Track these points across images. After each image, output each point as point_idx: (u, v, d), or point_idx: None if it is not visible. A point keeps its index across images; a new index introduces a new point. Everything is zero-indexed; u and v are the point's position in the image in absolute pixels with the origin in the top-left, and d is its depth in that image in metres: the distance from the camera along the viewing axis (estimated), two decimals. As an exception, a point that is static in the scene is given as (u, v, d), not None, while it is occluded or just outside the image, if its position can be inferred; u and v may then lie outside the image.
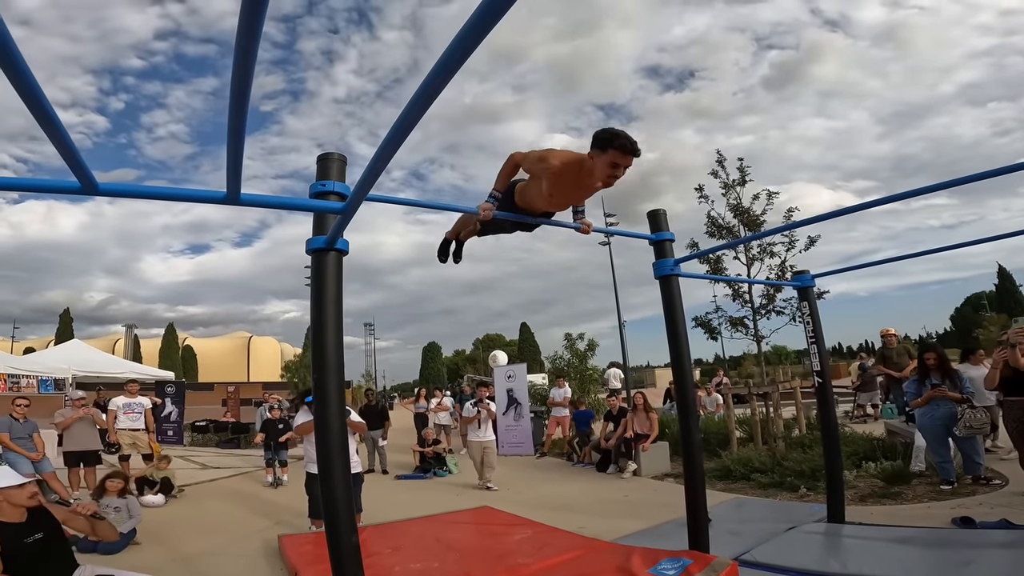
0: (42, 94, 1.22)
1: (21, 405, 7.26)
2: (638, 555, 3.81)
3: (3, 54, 1.04)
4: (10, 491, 3.10)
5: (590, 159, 2.65)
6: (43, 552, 3.16)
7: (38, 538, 3.14)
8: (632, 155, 2.60)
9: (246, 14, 1.03)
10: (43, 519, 3.25)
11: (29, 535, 3.11)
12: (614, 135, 2.57)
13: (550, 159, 2.71)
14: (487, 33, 1.07)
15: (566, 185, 2.79)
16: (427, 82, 1.27)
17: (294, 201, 2.28)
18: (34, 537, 3.12)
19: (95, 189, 1.67)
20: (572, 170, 2.71)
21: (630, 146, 2.58)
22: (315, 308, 2.44)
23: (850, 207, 3.70)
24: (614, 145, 2.55)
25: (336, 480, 2.37)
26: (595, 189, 2.84)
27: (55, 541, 3.27)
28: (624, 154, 2.58)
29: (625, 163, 2.61)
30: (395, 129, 1.45)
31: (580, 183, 2.77)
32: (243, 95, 1.30)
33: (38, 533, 3.15)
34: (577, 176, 2.72)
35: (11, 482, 3.14)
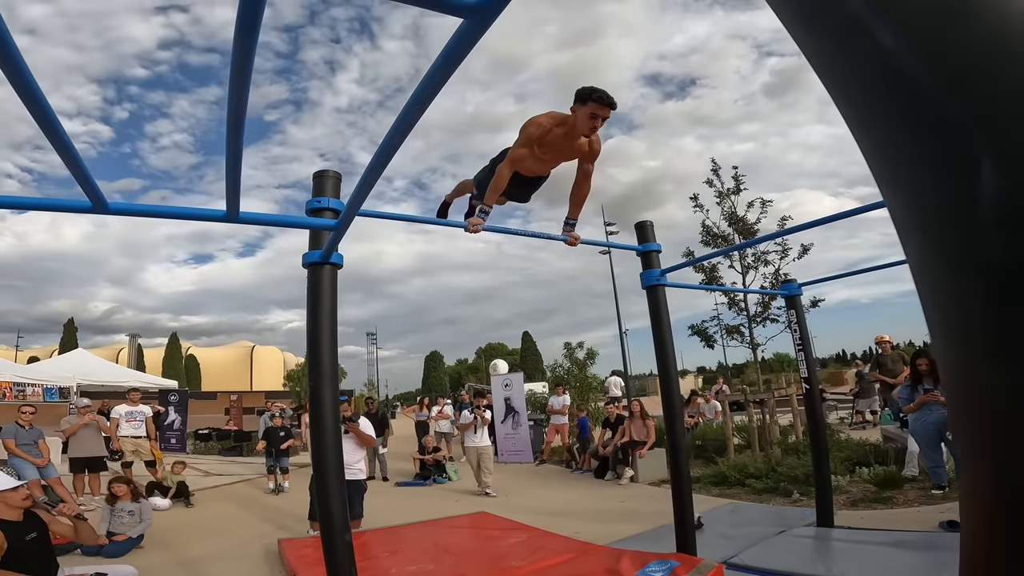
0: (58, 122, 1.36)
1: (27, 412, 7.42)
2: (628, 558, 3.91)
3: (23, 86, 1.18)
4: (6, 494, 3.37)
5: (573, 113, 2.94)
6: (38, 550, 3.41)
7: (34, 537, 3.40)
8: (609, 107, 2.89)
9: (238, 56, 1.17)
10: (35, 521, 3.51)
11: (27, 533, 3.36)
12: (592, 89, 2.87)
13: (538, 121, 3.00)
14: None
15: (557, 140, 3.04)
16: (405, 111, 1.41)
17: (289, 219, 2.42)
18: (31, 536, 3.38)
19: (105, 208, 1.80)
20: (559, 124, 2.99)
21: (607, 98, 2.87)
22: (311, 319, 2.57)
23: (834, 215, 3.80)
24: (592, 98, 2.85)
25: (330, 480, 2.49)
26: (579, 144, 3.08)
27: (45, 542, 3.52)
28: (602, 105, 2.87)
29: (603, 114, 2.89)
30: (378, 154, 1.58)
31: (568, 135, 3.02)
32: (239, 123, 1.44)
33: (33, 532, 3.42)
34: (564, 130, 3.00)
35: (7, 485, 3.41)
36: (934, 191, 0.40)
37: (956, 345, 0.41)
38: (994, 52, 0.37)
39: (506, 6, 1.12)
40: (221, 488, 9.41)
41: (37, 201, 1.86)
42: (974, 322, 0.39)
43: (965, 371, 0.40)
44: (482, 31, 1.17)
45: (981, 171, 0.36)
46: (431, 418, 12.44)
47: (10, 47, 1.07)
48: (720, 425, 10.34)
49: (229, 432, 15.86)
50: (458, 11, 1.12)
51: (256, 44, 1.15)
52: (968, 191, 0.37)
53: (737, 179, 9.60)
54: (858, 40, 0.42)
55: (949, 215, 0.39)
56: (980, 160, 0.36)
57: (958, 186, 0.37)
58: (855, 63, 0.44)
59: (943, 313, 0.41)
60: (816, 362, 7.24)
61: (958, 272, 0.39)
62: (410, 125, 1.42)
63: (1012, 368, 0.37)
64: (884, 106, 0.42)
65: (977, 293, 0.37)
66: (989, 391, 0.38)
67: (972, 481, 0.44)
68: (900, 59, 0.39)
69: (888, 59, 0.40)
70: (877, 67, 0.41)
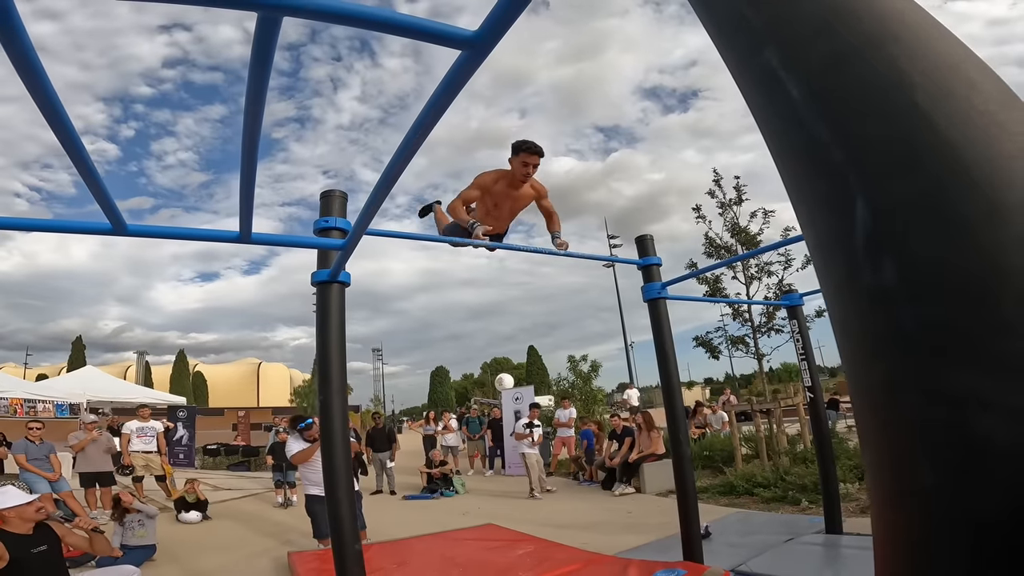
0: (83, 147, 1.45)
1: (34, 428, 7.52)
2: (635, 567, 3.94)
3: (52, 114, 1.27)
4: (21, 508, 3.47)
5: (510, 164, 3.31)
6: (46, 563, 3.49)
7: (43, 550, 3.48)
8: (537, 154, 3.26)
9: (253, 82, 1.25)
10: (47, 533, 3.59)
11: (35, 546, 3.45)
12: (522, 142, 3.26)
13: (486, 174, 3.38)
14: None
15: (502, 190, 3.39)
16: (408, 136, 1.49)
17: (299, 239, 2.51)
18: (39, 548, 3.47)
19: (124, 230, 1.89)
20: (502, 177, 3.35)
21: (534, 148, 3.25)
22: (320, 336, 2.65)
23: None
24: (522, 149, 3.23)
25: (341, 491, 2.55)
26: (525, 191, 3.42)
27: (55, 555, 3.60)
28: (530, 154, 3.24)
29: (532, 161, 3.26)
30: (384, 176, 1.67)
31: (511, 184, 3.37)
32: (252, 149, 1.52)
33: (43, 545, 3.50)
34: (506, 180, 3.35)
35: (21, 500, 3.52)
36: (826, 225, 0.47)
37: (847, 350, 0.48)
38: (866, 97, 0.45)
39: (502, 38, 1.20)
40: (230, 503, 9.46)
41: (60, 224, 1.96)
42: (861, 332, 0.47)
43: (853, 370, 0.47)
44: (480, 61, 1.25)
45: (856, 208, 0.43)
46: (438, 432, 12.48)
47: (40, 76, 1.15)
48: (727, 435, 10.32)
49: (237, 447, 15.94)
50: (457, 44, 1.20)
51: (270, 73, 1.23)
52: (848, 225, 0.44)
53: (739, 189, 9.69)
54: (773, 90, 0.50)
55: (836, 246, 0.46)
56: (855, 199, 0.43)
57: (841, 221, 0.44)
58: (772, 112, 0.51)
59: (840, 326, 0.48)
60: (824, 371, 7.17)
61: (846, 294, 0.46)
62: (414, 149, 1.51)
63: (883, 366, 0.44)
64: (792, 151, 0.50)
65: (860, 311, 0.45)
66: (867, 386, 0.45)
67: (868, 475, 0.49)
68: (802, 109, 0.47)
69: (794, 109, 0.48)
70: (787, 116, 0.49)
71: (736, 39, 0.55)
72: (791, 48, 0.48)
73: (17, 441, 7.57)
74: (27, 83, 1.03)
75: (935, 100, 0.44)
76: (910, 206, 0.43)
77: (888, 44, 0.46)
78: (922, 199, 0.43)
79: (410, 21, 1.13)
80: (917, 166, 0.43)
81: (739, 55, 0.55)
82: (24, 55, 0.95)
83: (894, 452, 0.44)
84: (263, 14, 1.03)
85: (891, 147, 0.44)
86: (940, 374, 0.41)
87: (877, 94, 0.45)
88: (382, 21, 1.10)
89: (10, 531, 3.35)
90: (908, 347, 0.42)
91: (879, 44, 0.46)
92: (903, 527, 0.43)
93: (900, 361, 0.43)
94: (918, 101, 0.44)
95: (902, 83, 0.45)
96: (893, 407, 0.44)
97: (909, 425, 0.42)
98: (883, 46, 0.46)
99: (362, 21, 1.08)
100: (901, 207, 0.43)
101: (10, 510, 3.38)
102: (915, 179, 0.43)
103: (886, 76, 0.46)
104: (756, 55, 0.51)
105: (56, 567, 3.56)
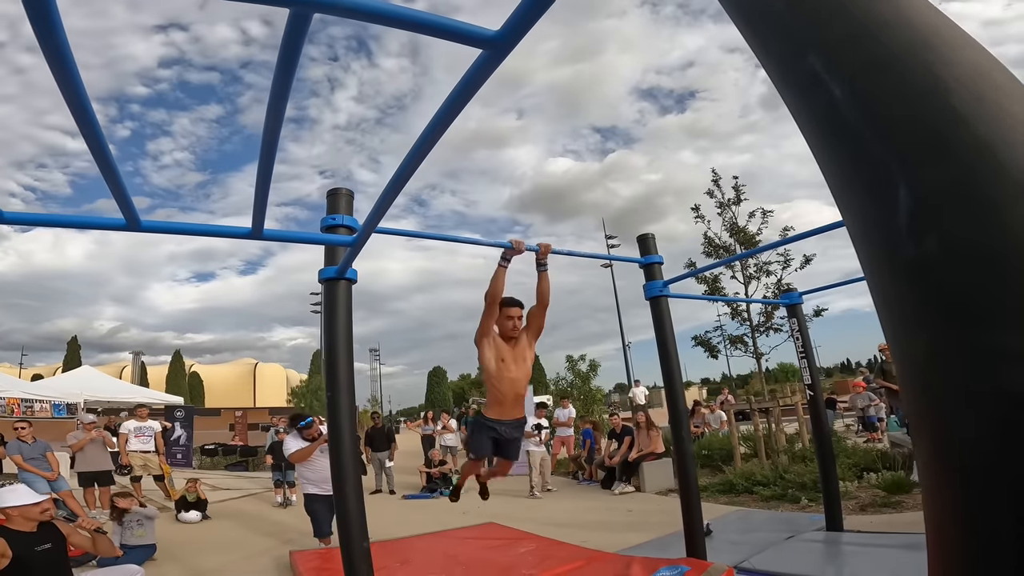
0: (107, 146, 1.46)
1: (20, 428, 7.39)
2: (638, 564, 3.96)
3: (81, 115, 1.28)
4: (26, 508, 3.49)
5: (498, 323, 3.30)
6: (50, 561, 3.50)
7: (47, 548, 3.50)
8: (514, 306, 3.32)
9: (279, 80, 1.27)
10: (51, 532, 3.60)
11: (39, 544, 3.47)
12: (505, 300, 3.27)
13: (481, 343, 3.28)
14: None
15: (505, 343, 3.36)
16: (424, 135, 1.51)
17: (308, 236, 2.52)
18: (43, 547, 3.48)
19: (138, 226, 1.90)
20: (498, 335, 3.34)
21: (510, 300, 3.30)
22: (327, 332, 2.66)
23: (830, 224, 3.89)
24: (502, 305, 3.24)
25: (348, 488, 2.56)
26: (518, 337, 3.40)
27: (59, 553, 3.62)
28: (510, 307, 3.29)
29: (515, 313, 3.32)
30: (396, 176, 1.68)
31: (508, 338, 3.36)
32: (271, 151, 1.54)
33: (47, 544, 3.51)
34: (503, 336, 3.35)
35: (27, 500, 3.53)
36: (871, 208, 0.51)
37: (891, 322, 0.51)
38: (907, 100, 0.49)
39: (523, 38, 1.22)
40: (229, 502, 9.45)
41: (73, 219, 1.96)
42: (904, 304, 0.51)
43: (896, 342, 0.51)
44: (500, 61, 1.26)
45: (899, 194, 0.47)
46: (436, 432, 12.48)
47: (73, 74, 1.16)
48: (726, 435, 10.36)
49: (235, 447, 15.91)
50: (478, 43, 1.22)
51: (295, 71, 1.25)
52: (892, 208, 0.48)
53: (737, 189, 9.72)
54: (815, 93, 0.53)
55: (881, 226, 0.50)
56: (898, 186, 0.47)
57: (885, 204, 0.49)
58: (814, 111, 0.54)
59: (883, 299, 0.52)
60: (820, 371, 7.24)
61: (890, 268, 0.50)
62: (429, 147, 1.52)
63: (927, 335, 0.48)
64: (835, 147, 0.53)
65: (903, 281, 0.49)
66: (913, 355, 0.49)
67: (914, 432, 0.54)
68: (844, 108, 0.51)
69: (837, 108, 0.51)
70: (829, 115, 0.52)
71: (778, 46, 0.57)
72: (833, 53, 0.51)
73: (10, 442, 7.51)
74: (59, 79, 1.04)
75: (970, 104, 0.47)
76: (946, 192, 0.46)
77: (923, 52, 0.49)
78: (956, 186, 0.46)
79: (433, 20, 1.15)
80: (952, 157, 0.46)
81: (781, 60, 0.58)
82: (59, 50, 0.96)
83: (938, 412, 0.47)
84: (295, 11, 1.04)
85: (931, 142, 0.48)
86: (978, 336, 0.45)
87: (916, 98, 0.49)
88: (407, 19, 1.12)
89: (14, 529, 3.36)
90: (948, 313, 0.46)
91: (915, 51, 0.49)
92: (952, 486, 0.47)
93: (941, 327, 0.48)
94: (955, 105, 0.47)
95: (938, 88, 0.48)
96: (934, 371, 0.47)
97: (950, 384, 0.46)
98: (918, 53, 0.49)
99: (388, 19, 1.10)
100: (939, 193, 0.46)
101: (13, 509, 3.39)
102: (948, 167, 0.46)
103: (923, 81, 0.49)
104: (799, 60, 0.54)
105: (60, 566, 3.57)
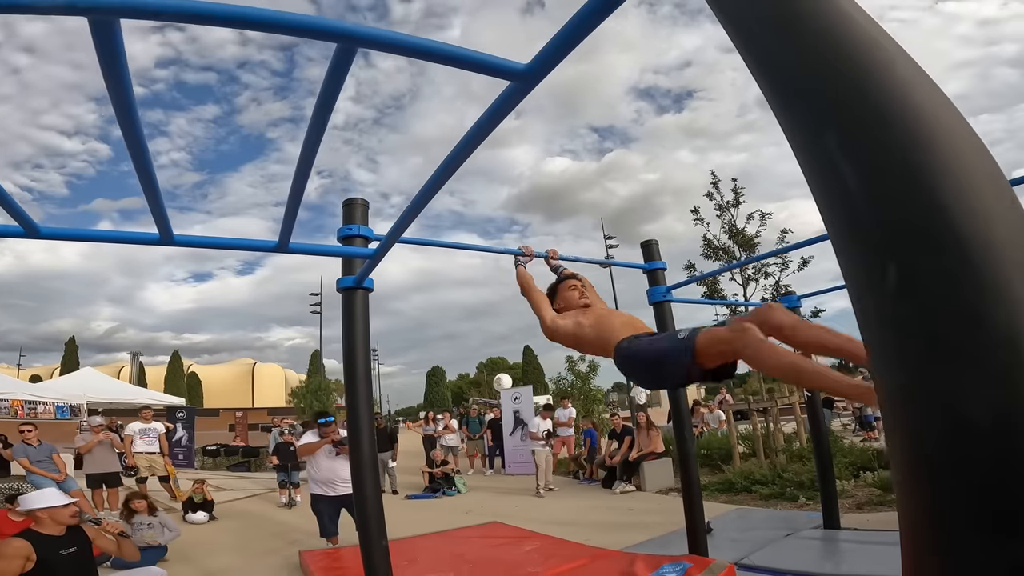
0: (151, 164, 1.55)
1: (26, 431, 7.47)
2: (641, 561, 4.06)
3: (130, 133, 1.37)
4: (55, 510, 3.50)
5: (560, 302, 2.83)
6: (75, 565, 3.52)
7: (72, 551, 3.51)
8: (571, 278, 2.94)
9: (320, 107, 1.36)
10: (77, 535, 3.63)
11: (65, 548, 3.48)
12: (556, 280, 2.94)
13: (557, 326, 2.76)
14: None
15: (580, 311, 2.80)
16: (447, 161, 1.61)
17: (331, 248, 2.63)
18: (69, 550, 3.50)
19: (172, 240, 1.99)
20: (574, 313, 2.77)
21: (568, 274, 2.99)
22: (347, 340, 2.76)
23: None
24: (560, 280, 2.91)
25: (367, 489, 2.67)
26: (587, 294, 2.94)
27: (85, 557, 3.65)
28: (570, 279, 2.92)
29: (575, 283, 2.88)
30: (418, 197, 1.78)
31: (580, 302, 2.84)
32: (306, 169, 1.63)
33: (72, 547, 3.53)
34: (577, 305, 2.82)
35: (57, 502, 3.54)
36: (865, 277, 0.62)
37: (872, 347, 0.63)
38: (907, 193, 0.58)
39: (549, 72, 1.31)
40: (233, 503, 9.53)
41: (109, 234, 2.05)
42: (884, 343, 0.62)
43: (877, 376, 0.62)
44: (527, 93, 1.36)
45: (887, 271, 0.57)
46: (437, 432, 12.58)
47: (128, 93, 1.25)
48: (724, 434, 10.48)
49: (237, 448, 15.99)
50: (507, 76, 1.31)
51: (337, 99, 1.35)
52: (881, 283, 0.58)
53: (736, 192, 9.85)
54: (829, 174, 0.63)
55: (872, 298, 0.61)
56: (886, 264, 0.58)
57: (878, 277, 0.59)
58: (829, 184, 0.64)
59: (864, 326, 0.62)
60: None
61: (873, 322, 0.63)
62: (450, 173, 1.63)
63: (896, 374, 0.60)
64: (839, 225, 0.63)
65: (884, 326, 0.61)
66: (888, 391, 0.61)
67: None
68: (855, 191, 0.60)
69: (849, 195, 0.60)
70: (839, 194, 0.61)
71: (800, 117, 0.67)
72: (851, 134, 0.61)
73: (16, 445, 7.59)
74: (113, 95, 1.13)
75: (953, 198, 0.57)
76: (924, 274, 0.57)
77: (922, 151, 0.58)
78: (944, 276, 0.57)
79: (466, 54, 1.25)
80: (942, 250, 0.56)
81: (801, 133, 0.67)
82: (120, 76, 1.05)
83: (908, 428, 0.60)
84: (342, 45, 1.14)
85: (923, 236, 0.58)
86: (937, 376, 0.57)
87: (914, 194, 0.58)
88: (443, 54, 1.22)
89: (41, 532, 3.40)
90: (918, 355, 0.58)
91: (920, 148, 0.58)
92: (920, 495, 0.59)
93: (911, 369, 0.59)
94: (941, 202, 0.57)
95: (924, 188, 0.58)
96: (902, 405, 0.60)
97: (916, 414, 0.59)
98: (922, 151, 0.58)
99: (427, 54, 1.20)
100: (926, 275, 0.57)
101: (43, 511, 3.43)
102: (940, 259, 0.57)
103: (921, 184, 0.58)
104: (818, 137, 0.63)
105: (85, 569, 3.61)
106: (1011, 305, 0.53)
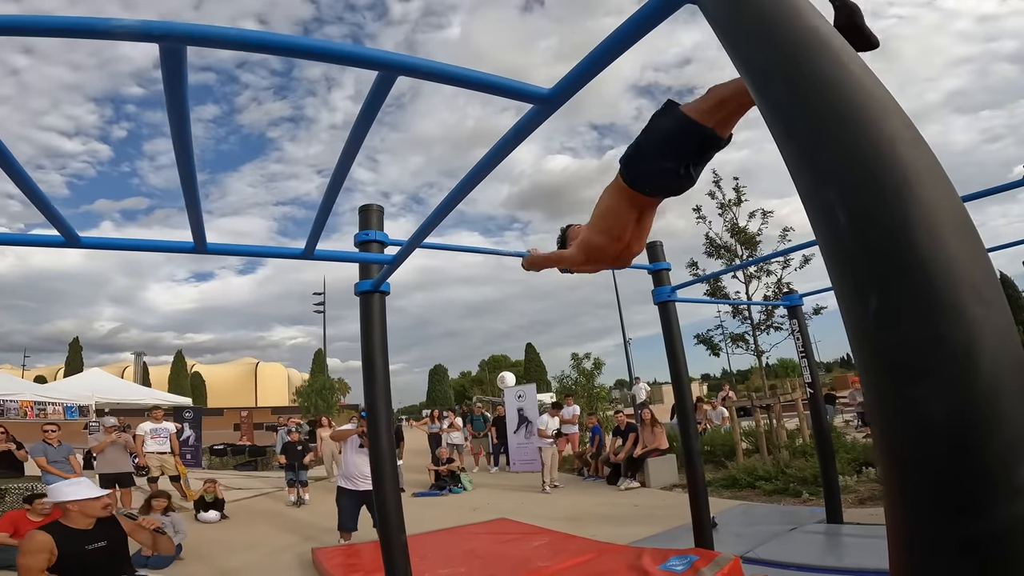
0: (195, 176, 1.65)
1: (49, 431, 7.65)
2: (648, 555, 4.16)
3: (181, 152, 1.47)
4: (86, 502, 3.41)
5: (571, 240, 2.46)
6: (101, 560, 3.42)
7: (100, 546, 3.41)
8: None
9: (358, 128, 1.46)
10: (110, 529, 3.54)
11: (91, 542, 3.38)
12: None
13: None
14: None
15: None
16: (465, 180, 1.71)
17: (351, 255, 2.73)
18: (96, 545, 3.39)
19: (205, 249, 2.09)
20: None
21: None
22: (365, 343, 2.86)
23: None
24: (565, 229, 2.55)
25: (387, 486, 2.77)
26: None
27: (116, 551, 3.56)
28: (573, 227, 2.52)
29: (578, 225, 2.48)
30: (434, 214, 1.88)
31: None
32: (339, 182, 1.73)
33: (101, 541, 3.43)
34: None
35: (88, 494, 3.46)
36: (850, 308, 0.72)
37: (859, 357, 0.73)
38: (893, 250, 0.68)
39: (573, 95, 1.40)
40: (243, 502, 9.64)
41: (145, 243, 2.15)
42: (869, 359, 0.73)
43: (866, 389, 0.74)
44: (549, 115, 1.45)
45: (870, 300, 0.67)
46: (443, 430, 12.68)
47: (185, 117, 1.35)
48: (728, 431, 10.58)
49: (244, 447, 16.11)
50: (531, 99, 1.41)
51: (369, 129, 1.44)
52: (865, 311, 0.69)
53: (738, 190, 9.93)
54: (833, 219, 0.73)
55: (859, 323, 0.72)
56: (869, 295, 0.68)
57: (860, 306, 0.69)
58: (829, 236, 0.75)
59: (854, 342, 0.73)
60: (820, 367, 7.45)
61: (862, 343, 0.73)
62: (469, 189, 1.73)
63: (878, 384, 0.71)
64: (832, 259, 0.73)
65: (867, 346, 0.72)
66: (870, 400, 0.73)
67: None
68: (845, 234, 0.70)
69: (839, 231, 0.70)
70: (832, 232, 0.71)
71: (809, 176, 0.79)
72: (847, 194, 0.72)
73: (35, 444, 7.71)
74: (173, 116, 1.23)
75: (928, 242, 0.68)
76: (903, 304, 0.68)
77: (910, 205, 0.69)
78: (910, 300, 0.68)
79: (496, 81, 1.35)
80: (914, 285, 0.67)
81: (808, 187, 0.79)
82: (180, 97, 1.15)
83: (887, 431, 0.71)
84: (383, 73, 1.23)
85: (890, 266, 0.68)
86: (905, 386, 0.68)
87: (900, 249, 0.69)
88: (474, 81, 1.31)
89: (68, 525, 3.36)
90: (891, 372, 0.70)
91: (901, 200, 0.69)
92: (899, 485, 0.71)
93: (885, 380, 0.71)
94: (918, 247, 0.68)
95: (916, 244, 0.68)
96: (882, 409, 0.72)
97: (890, 418, 0.70)
98: (903, 203, 0.69)
99: (459, 81, 1.30)
100: (900, 302, 0.68)
101: (74, 503, 3.38)
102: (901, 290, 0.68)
103: (906, 237, 0.68)
104: (822, 192, 0.75)
105: (115, 563, 3.54)
106: (967, 324, 0.65)
